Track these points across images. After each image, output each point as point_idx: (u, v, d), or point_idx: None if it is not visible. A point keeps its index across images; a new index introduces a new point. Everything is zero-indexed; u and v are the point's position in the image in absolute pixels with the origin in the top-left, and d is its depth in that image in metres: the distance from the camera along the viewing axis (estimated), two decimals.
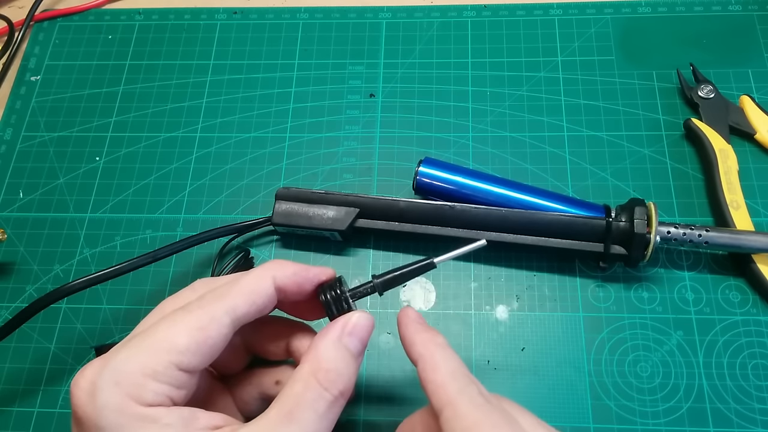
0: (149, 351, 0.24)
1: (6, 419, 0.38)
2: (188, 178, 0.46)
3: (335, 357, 0.26)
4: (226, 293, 0.26)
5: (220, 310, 0.25)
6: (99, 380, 0.23)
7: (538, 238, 0.39)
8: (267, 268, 0.28)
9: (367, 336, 0.27)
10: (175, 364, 0.24)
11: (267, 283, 0.27)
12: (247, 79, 0.50)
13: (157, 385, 0.23)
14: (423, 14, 0.51)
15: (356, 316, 0.27)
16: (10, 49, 0.52)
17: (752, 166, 0.43)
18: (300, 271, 0.28)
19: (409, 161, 0.45)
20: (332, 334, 0.27)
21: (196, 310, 0.25)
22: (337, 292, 0.28)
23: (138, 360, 0.24)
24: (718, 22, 0.49)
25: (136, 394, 0.23)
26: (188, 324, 0.25)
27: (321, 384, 0.25)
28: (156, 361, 0.24)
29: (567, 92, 0.47)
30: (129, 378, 0.23)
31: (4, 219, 0.45)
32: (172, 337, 0.24)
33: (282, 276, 0.27)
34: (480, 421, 0.24)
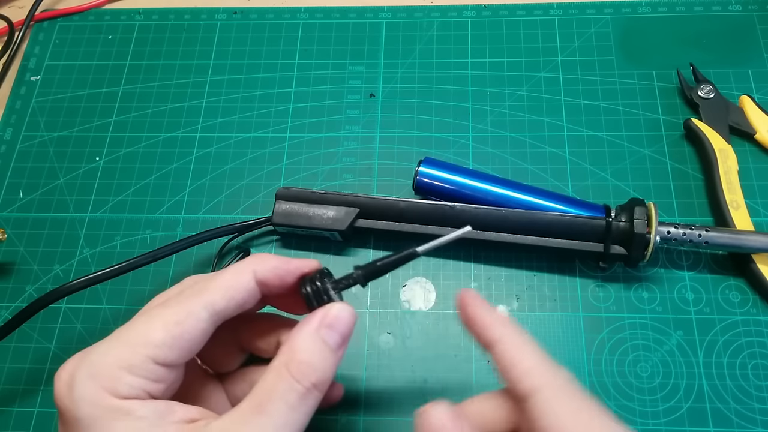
0: (125, 345, 0.24)
1: (6, 419, 0.38)
2: (188, 178, 0.46)
3: (310, 348, 0.25)
4: (205, 288, 0.26)
5: (198, 304, 0.25)
6: (77, 373, 0.24)
7: (538, 238, 0.39)
8: (247, 263, 0.27)
9: (347, 329, 0.27)
10: (151, 358, 0.24)
11: (246, 278, 0.27)
12: (247, 79, 0.50)
13: (132, 378, 0.24)
14: (423, 14, 0.51)
15: (336, 307, 0.27)
16: (10, 49, 0.52)
17: (752, 166, 0.43)
18: (281, 264, 0.28)
19: (409, 161, 0.45)
20: (309, 325, 0.26)
21: (174, 305, 0.26)
22: (317, 285, 0.28)
23: (114, 353, 0.24)
24: (718, 22, 0.49)
25: (111, 386, 0.23)
26: (165, 318, 0.25)
27: (293, 375, 0.24)
28: (132, 355, 0.24)
29: (567, 92, 0.47)
30: (105, 371, 0.24)
31: (4, 219, 0.45)
32: (148, 331, 0.25)
33: (262, 269, 0.27)
34: (582, 408, 0.24)
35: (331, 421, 0.37)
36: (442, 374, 0.38)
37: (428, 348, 0.39)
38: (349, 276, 0.29)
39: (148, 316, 0.25)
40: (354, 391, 0.38)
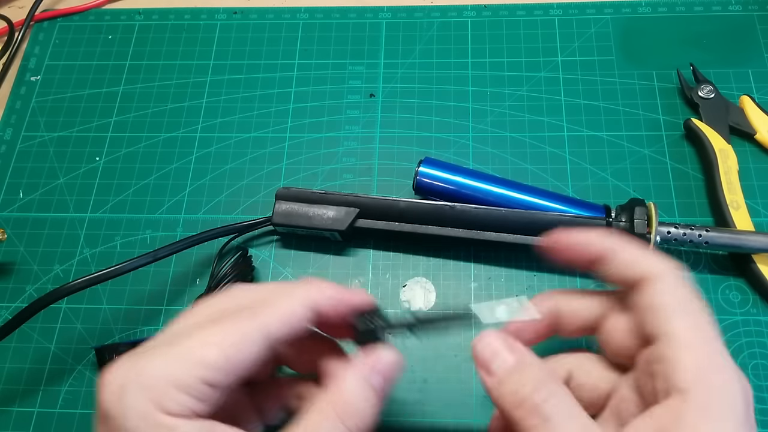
0: (179, 361, 0.24)
1: (6, 419, 0.38)
2: (188, 178, 0.46)
3: (357, 392, 0.26)
4: (262, 312, 0.26)
5: (254, 328, 0.25)
6: (129, 381, 0.24)
7: (538, 239, 0.39)
8: (305, 289, 0.27)
9: (393, 375, 0.27)
10: (203, 379, 0.24)
11: (304, 306, 0.27)
12: (247, 79, 0.50)
13: (181, 396, 0.24)
14: (423, 14, 0.51)
15: (386, 353, 0.27)
16: (10, 49, 0.52)
17: (752, 166, 0.43)
18: (338, 295, 0.28)
19: (409, 161, 0.45)
20: (358, 369, 0.27)
21: (230, 325, 0.25)
22: (372, 323, 0.28)
23: (167, 369, 0.24)
24: (718, 22, 0.49)
25: (161, 402, 0.23)
26: (220, 339, 0.25)
27: (339, 416, 0.25)
28: (185, 373, 0.24)
29: (567, 92, 0.47)
30: (157, 385, 0.24)
31: (4, 219, 0.45)
32: (203, 350, 0.24)
33: (321, 299, 0.27)
34: (692, 297, 0.25)
35: None
36: (442, 374, 0.38)
37: (428, 348, 0.39)
38: (404, 322, 0.29)
39: (204, 332, 0.25)
40: None
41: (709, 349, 0.23)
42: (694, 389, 0.22)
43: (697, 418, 0.22)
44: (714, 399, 0.22)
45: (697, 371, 0.23)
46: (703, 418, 0.22)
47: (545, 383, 0.24)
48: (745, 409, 0.22)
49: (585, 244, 0.28)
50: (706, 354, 0.23)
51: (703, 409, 0.22)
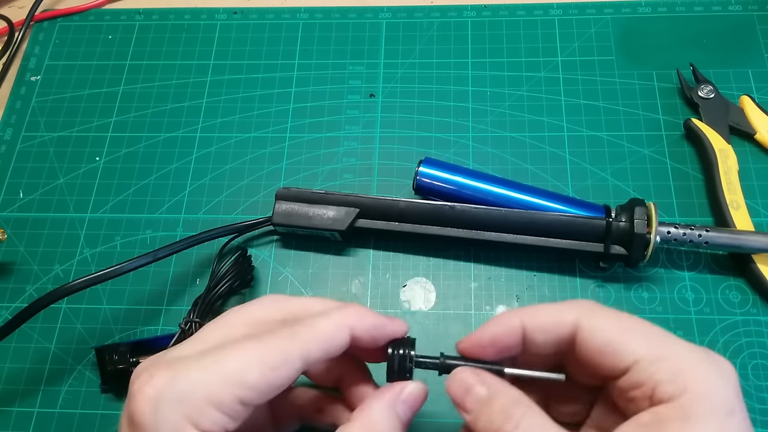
0: (218, 378, 0.24)
1: (6, 419, 0.38)
2: (188, 178, 0.46)
3: (384, 422, 0.26)
4: (302, 334, 0.26)
5: (295, 352, 0.25)
6: (164, 394, 0.24)
7: (538, 238, 0.39)
8: (347, 316, 0.27)
9: (419, 407, 0.28)
10: (240, 399, 0.24)
11: (345, 333, 0.27)
12: (247, 79, 0.50)
13: (217, 415, 0.24)
14: (423, 14, 0.51)
15: (413, 385, 0.28)
16: (10, 49, 0.52)
17: (752, 166, 0.43)
18: (378, 324, 0.28)
19: (409, 161, 0.45)
20: (387, 397, 0.27)
21: (270, 346, 0.25)
22: (405, 354, 0.28)
23: (206, 386, 0.24)
24: (718, 22, 0.49)
25: (196, 418, 0.23)
26: (261, 361, 0.25)
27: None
28: (223, 392, 0.24)
29: (567, 92, 0.47)
30: (193, 402, 0.23)
31: (4, 219, 0.45)
32: (242, 371, 0.24)
33: (360, 328, 0.27)
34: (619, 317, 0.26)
35: None
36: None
37: (428, 348, 0.39)
38: (435, 359, 0.29)
39: (244, 351, 0.25)
40: None
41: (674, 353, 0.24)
42: (675, 399, 0.23)
43: (681, 424, 0.22)
44: (697, 402, 0.22)
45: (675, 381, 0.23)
46: (686, 424, 0.22)
47: (516, 408, 0.25)
48: (730, 397, 0.23)
49: (501, 331, 0.28)
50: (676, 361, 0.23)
51: (686, 416, 0.22)
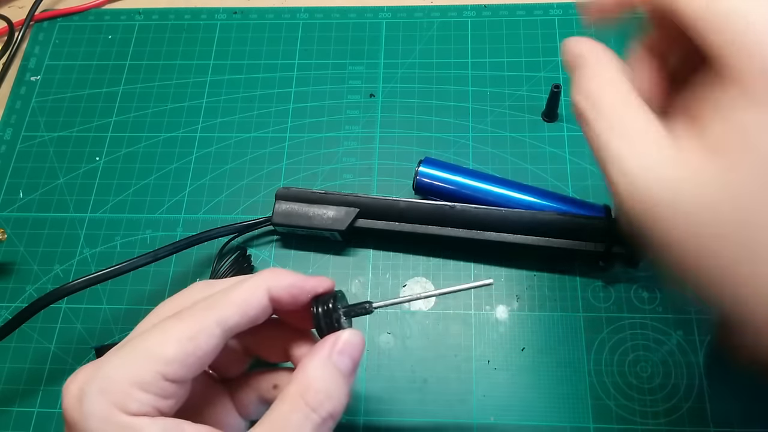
0: (137, 360, 0.24)
1: (6, 419, 0.38)
2: (188, 178, 0.46)
3: (324, 377, 0.25)
4: (218, 303, 0.26)
5: (211, 320, 0.25)
6: (87, 386, 0.23)
7: (538, 239, 0.39)
8: (262, 278, 0.27)
9: (358, 355, 0.27)
10: (162, 375, 0.24)
11: (260, 294, 0.26)
12: (247, 79, 0.50)
13: (143, 395, 0.23)
14: (423, 14, 0.51)
15: (346, 333, 0.27)
16: (10, 49, 0.52)
17: None
18: (296, 282, 0.27)
19: (409, 161, 0.45)
20: (321, 353, 0.26)
21: (186, 319, 0.25)
22: (329, 308, 0.27)
23: (126, 369, 0.24)
24: None
25: (122, 403, 0.23)
26: (177, 333, 0.24)
27: (309, 405, 0.24)
28: (143, 371, 0.23)
29: (567, 92, 0.47)
30: (116, 386, 0.23)
31: (4, 219, 0.45)
32: (161, 346, 0.24)
33: (277, 287, 0.27)
34: None
35: None
36: (442, 374, 0.38)
37: (428, 348, 0.39)
38: (362, 304, 0.29)
39: (161, 329, 0.25)
40: (354, 391, 0.38)
41: None
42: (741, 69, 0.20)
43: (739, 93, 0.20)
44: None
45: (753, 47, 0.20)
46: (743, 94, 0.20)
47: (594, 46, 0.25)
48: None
49: None
50: None
51: (746, 89, 0.20)
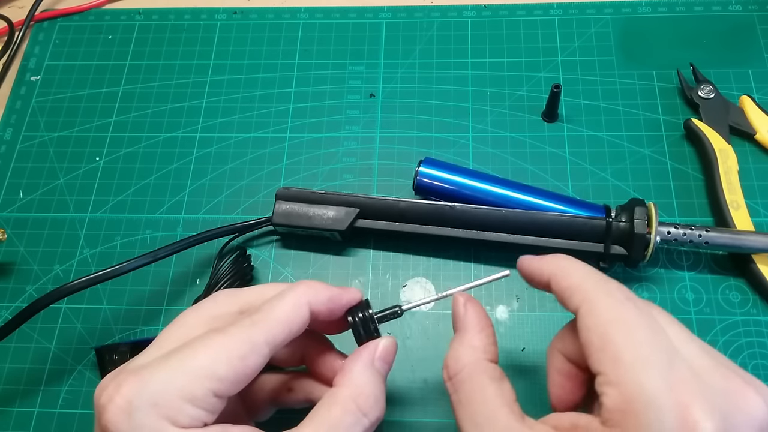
0: (189, 376, 0.24)
1: (6, 419, 0.38)
2: (188, 178, 0.46)
3: (371, 382, 0.27)
4: (264, 320, 0.26)
5: (260, 339, 0.26)
6: (136, 399, 0.23)
7: (538, 238, 0.39)
8: (302, 294, 0.28)
9: (393, 360, 0.29)
10: (213, 391, 0.24)
11: (304, 311, 0.27)
12: (247, 79, 0.50)
13: (193, 410, 0.24)
14: (423, 14, 0.51)
15: (384, 340, 0.29)
16: (10, 49, 0.52)
17: (752, 166, 0.43)
18: (334, 297, 0.29)
19: (409, 161, 0.45)
20: (365, 358, 0.28)
21: (235, 336, 0.25)
22: (365, 316, 0.29)
23: (177, 384, 0.24)
24: (718, 22, 0.49)
25: (173, 417, 0.23)
26: (229, 352, 0.25)
27: (360, 409, 0.26)
28: (195, 387, 0.24)
29: (567, 92, 0.47)
30: (167, 401, 0.24)
31: (4, 219, 0.45)
32: (212, 364, 0.24)
33: (317, 302, 0.28)
34: (617, 319, 0.24)
35: None
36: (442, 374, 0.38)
37: (428, 348, 0.39)
38: (392, 308, 0.31)
39: (209, 346, 0.25)
40: None
41: (632, 384, 0.22)
42: (610, 425, 0.22)
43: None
44: None
45: (616, 412, 0.22)
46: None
47: (468, 364, 0.26)
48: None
49: (536, 273, 0.28)
50: (626, 393, 0.22)
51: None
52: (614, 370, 0.23)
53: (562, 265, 0.27)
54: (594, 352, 0.23)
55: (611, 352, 0.23)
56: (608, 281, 0.26)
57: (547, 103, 0.45)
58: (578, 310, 0.25)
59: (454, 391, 0.26)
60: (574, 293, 0.25)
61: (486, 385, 0.25)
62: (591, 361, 0.24)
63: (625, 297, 0.25)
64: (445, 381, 0.27)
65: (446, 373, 0.27)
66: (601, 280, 0.26)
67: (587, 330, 0.24)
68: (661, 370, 0.22)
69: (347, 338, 0.30)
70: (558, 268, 0.27)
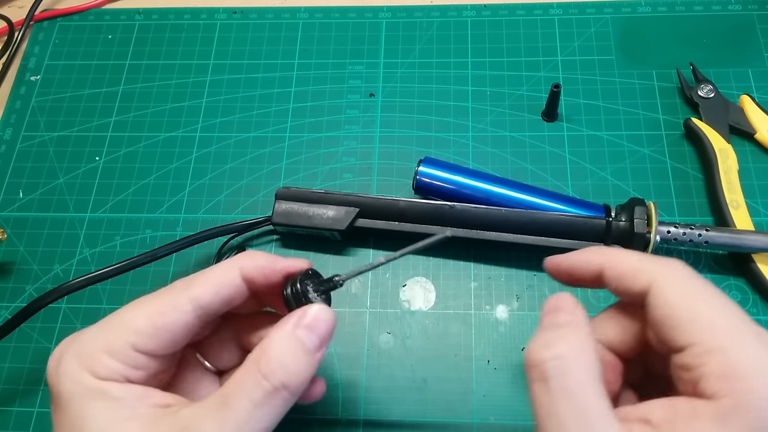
0: (110, 329, 0.26)
1: (6, 419, 0.38)
2: (188, 177, 0.46)
3: (281, 347, 0.25)
4: (192, 282, 0.27)
5: (183, 297, 0.26)
6: (65, 351, 0.25)
7: (538, 238, 0.39)
8: (235, 259, 0.28)
9: (326, 331, 0.26)
10: (131, 344, 0.25)
11: (233, 274, 0.27)
12: (246, 78, 0.50)
13: (111, 362, 0.25)
14: (423, 14, 0.51)
15: (315, 308, 0.26)
16: (10, 49, 0.52)
17: (752, 165, 0.43)
18: (268, 263, 0.28)
19: (409, 161, 0.45)
20: (285, 324, 0.26)
21: (161, 295, 0.27)
22: (298, 286, 0.27)
23: (99, 337, 0.25)
24: (718, 21, 0.49)
25: (92, 367, 0.25)
26: (150, 308, 0.26)
27: (261, 372, 0.24)
28: (114, 339, 0.25)
29: (567, 92, 0.47)
30: (88, 352, 0.25)
31: (4, 219, 0.45)
32: (132, 318, 0.26)
33: (249, 267, 0.27)
34: (698, 289, 0.24)
35: (331, 420, 0.37)
36: (442, 374, 0.38)
37: (428, 348, 0.39)
38: (330, 279, 0.29)
39: (136, 304, 0.26)
40: (354, 391, 0.38)
41: (734, 350, 0.22)
42: (717, 397, 0.21)
43: (713, 426, 0.21)
44: (738, 410, 0.21)
45: (722, 380, 0.21)
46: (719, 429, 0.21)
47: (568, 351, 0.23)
48: None
49: (581, 266, 0.28)
50: (730, 359, 0.22)
51: (722, 419, 0.21)
52: (712, 338, 0.22)
53: (610, 252, 0.27)
54: (681, 323, 0.23)
55: (705, 321, 0.23)
56: (667, 258, 0.26)
57: (547, 102, 0.45)
58: (650, 288, 0.24)
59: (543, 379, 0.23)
60: (638, 274, 0.25)
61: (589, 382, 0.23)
62: (676, 334, 0.23)
63: (690, 270, 0.25)
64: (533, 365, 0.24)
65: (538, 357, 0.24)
66: (659, 258, 0.26)
67: (667, 305, 0.24)
68: (755, 334, 0.22)
69: None
70: (608, 255, 0.27)
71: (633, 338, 0.27)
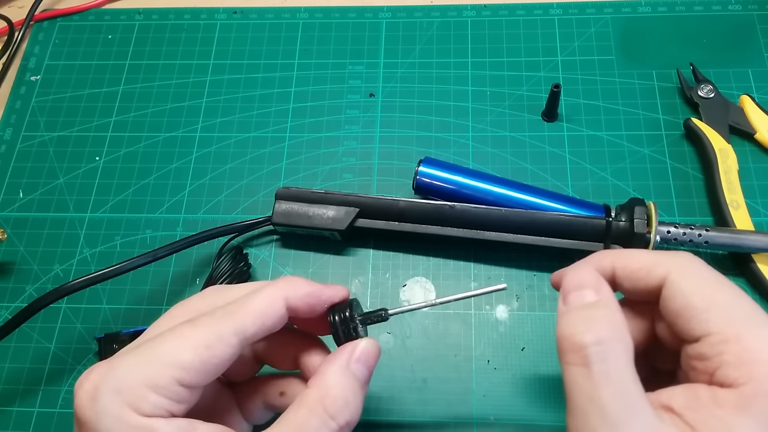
0: (153, 363, 0.24)
1: (6, 419, 0.38)
2: (188, 177, 0.46)
3: (343, 384, 0.25)
4: (236, 311, 0.26)
5: (229, 329, 0.25)
6: (101, 386, 0.23)
7: (538, 238, 0.39)
8: (279, 288, 0.27)
9: (374, 363, 0.27)
10: (177, 380, 0.24)
11: (279, 305, 0.27)
12: (247, 78, 0.50)
13: (156, 398, 0.24)
14: (423, 14, 0.51)
15: (364, 342, 0.27)
16: (10, 49, 0.52)
17: (752, 165, 0.43)
18: (313, 292, 0.28)
19: (409, 161, 0.45)
20: (340, 360, 0.26)
21: (204, 326, 0.25)
22: (346, 316, 0.28)
23: (141, 371, 0.24)
24: (718, 21, 0.49)
25: (135, 404, 0.23)
26: (195, 340, 0.25)
27: (327, 412, 0.24)
28: (158, 374, 0.24)
29: (567, 92, 0.47)
30: (130, 388, 0.23)
31: (4, 219, 0.45)
32: (177, 352, 0.24)
33: (294, 297, 0.27)
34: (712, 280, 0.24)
35: None
36: (442, 374, 0.38)
37: (428, 348, 0.39)
38: (377, 312, 0.29)
39: (177, 334, 0.25)
40: None
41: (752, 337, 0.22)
42: (737, 384, 0.22)
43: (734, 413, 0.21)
44: (757, 396, 0.21)
45: (741, 367, 0.22)
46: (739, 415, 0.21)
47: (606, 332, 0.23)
48: None
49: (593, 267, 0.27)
50: (748, 347, 0.22)
51: (742, 406, 0.21)
52: (729, 326, 0.23)
53: (618, 252, 0.27)
54: (698, 313, 0.23)
55: (722, 310, 0.23)
56: (677, 251, 0.26)
57: (547, 102, 0.45)
58: (666, 280, 0.25)
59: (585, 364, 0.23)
60: (652, 269, 0.25)
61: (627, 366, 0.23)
62: (693, 324, 0.23)
63: (702, 261, 0.25)
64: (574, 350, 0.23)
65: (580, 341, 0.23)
66: (670, 252, 0.26)
67: (684, 294, 0.24)
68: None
69: None
70: (617, 255, 0.27)
71: (639, 335, 0.27)
